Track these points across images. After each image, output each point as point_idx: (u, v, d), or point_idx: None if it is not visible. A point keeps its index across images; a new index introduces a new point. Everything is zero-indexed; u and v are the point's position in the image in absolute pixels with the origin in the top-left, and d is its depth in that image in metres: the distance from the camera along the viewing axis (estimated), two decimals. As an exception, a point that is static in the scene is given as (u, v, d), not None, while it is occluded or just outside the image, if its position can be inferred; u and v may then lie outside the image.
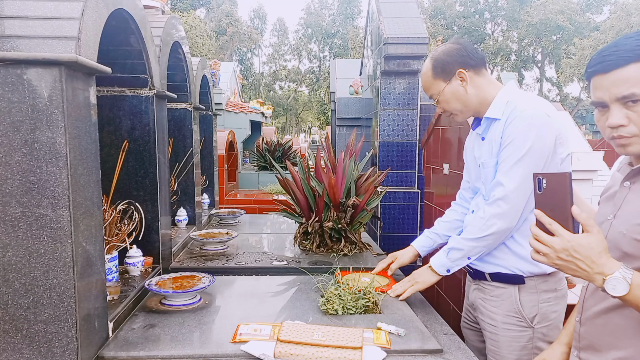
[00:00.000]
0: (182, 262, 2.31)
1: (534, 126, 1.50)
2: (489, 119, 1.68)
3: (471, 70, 1.67)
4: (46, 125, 1.16)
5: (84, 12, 1.26)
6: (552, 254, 1.01)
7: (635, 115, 0.99)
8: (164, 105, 2.16)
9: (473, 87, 1.68)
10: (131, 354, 1.36)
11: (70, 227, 1.20)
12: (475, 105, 1.70)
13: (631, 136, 1.02)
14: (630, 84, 0.97)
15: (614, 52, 0.99)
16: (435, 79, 1.71)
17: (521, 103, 1.56)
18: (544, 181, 1.04)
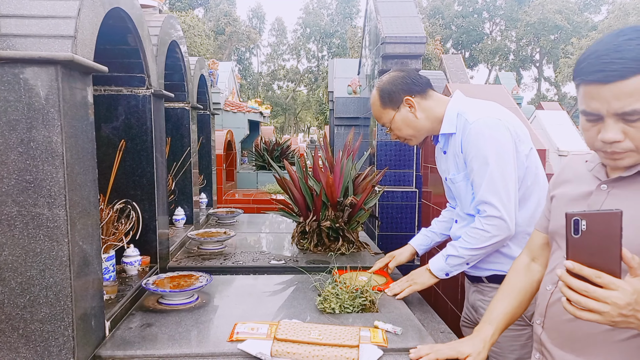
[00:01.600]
0: (179, 261, 2.30)
1: (488, 135, 1.54)
2: (445, 135, 1.71)
3: (417, 96, 1.72)
4: (42, 124, 1.15)
5: (81, 11, 1.26)
6: (613, 311, 0.83)
7: (634, 130, 0.91)
8: (162, 105, 2.16)
9: (422, 112, 1.72)
10: (128, 353, 1.36)
11: (66, 226, 1.20)
12: (428, 127, 1.75)
13: (625, 151, 0.94)
14: (634, 99, 0.87)
15: (617, 61, 0.87)
16: (384, 108, 1.75)
17: (470, 115, 1.60)
18: (583, 223, 0.86)
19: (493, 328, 1.29)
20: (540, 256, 1.32)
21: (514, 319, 1.32)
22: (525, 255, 1.36)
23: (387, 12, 3.73)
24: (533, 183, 1.62)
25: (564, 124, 4.82)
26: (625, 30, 0.91)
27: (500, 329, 1.30)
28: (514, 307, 1.31)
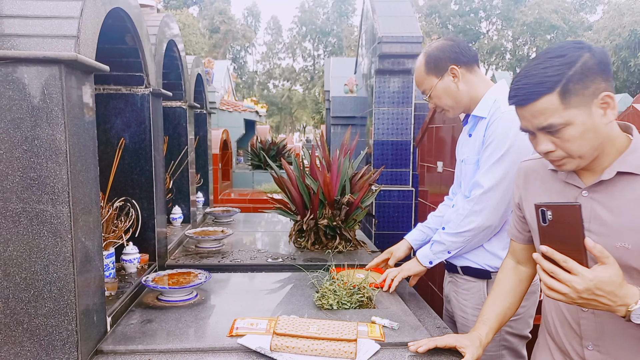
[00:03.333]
0: (177, 259, 2.33)
1: (513, 127, 1.54)
2: (475, 116, 1.72)
3: (463, 67, 1.70)
4: (46, 122, 1.18)
5: (83, 11, 1.28)
6: (572, 293, 0.93)
7: (559, 141, 1.01)
8: (160, 103, 2.17)
9: (465, 84, 1.71)
10: (129, 347, 1.38)
11: (69, 223, 1.22)
12: (466, 101, 1.73)
13: (561, 158, 1.04)
14: (547, 116, 0.98)
15: (524, 86, 0.99)
16: (428, 74, 1.73)
17: (504, 104, 1.60)
18: (548, 213, 0.95)
19: (487, 328, 1.33)
20: (523, 258, 1.37)
21: (507, 318, 1.37)
22: (510, 259, 1.42)
23: (384, 12, 3.76)
24: None
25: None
26: (539, 54, 1.03)
27: (493, 329, 1.34)
28: (505, 308, 1.36)
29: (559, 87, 0.96)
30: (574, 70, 0.95)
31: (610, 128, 1.00)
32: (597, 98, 0.96)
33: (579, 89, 0.95)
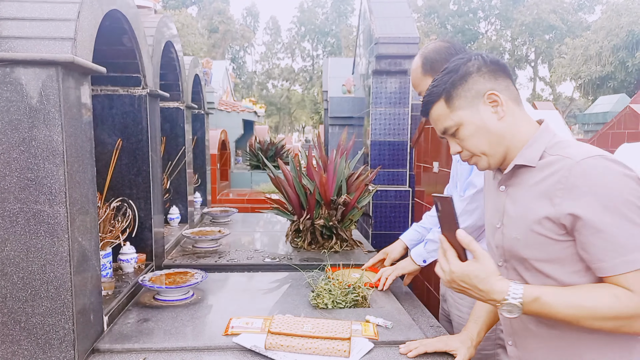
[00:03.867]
0: (174, 259, 2.34)
1: None
2: None
3: None
4: (43, 123, 1.19)
5: (80, 13, 1.29)
6: (444, 279, 1.07)
7: (459, 141, 1.12)
8: (157, 104, 2.19)
9: None
10: (126, 346, 1.40)
11: (66, 223, 1.23)
12: None
13: (470, 157, 1.13)
14: (441, 121, 1.12)
15: (425, 98, 1.15)
16: (424, 75, 1.76)
17: None
18: (438, 204, 1.06)
19: (478, 327, 1.35)
20: None
21: (498, 316, 1.38)
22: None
23: (381, 13, 3.78)
24: None
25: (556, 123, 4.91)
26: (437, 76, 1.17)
27: (484, 327, 1.36)
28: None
29: (444, 94, 1.10)
30: (454, 78, 1.09)
31: (509, 124, 1.08)
32: (482, 97, 1.07)
33: (460, 93, 1.08)
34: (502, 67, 1.09)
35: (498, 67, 1.09)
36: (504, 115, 1.06)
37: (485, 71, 1.08)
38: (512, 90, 1.09)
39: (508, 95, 1.07)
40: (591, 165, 0.93)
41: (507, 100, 1.07)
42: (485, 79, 1.07)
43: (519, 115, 1.08)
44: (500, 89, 1.07)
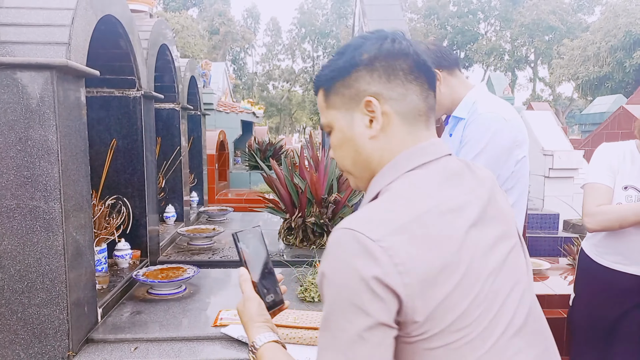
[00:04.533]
0: (169, 255, 2.41)
1: (489, 128, 1.61)
2: (455, 117, 1.79)
3: (445, 71, 1.78)
4: (39, 124, 1.26)
5: (74, 19, 1.36)
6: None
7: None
8: (152, 105, 2.26)
9: (446, 87, 1.78)
10: (119, 336, 1.46)
11: (61, 218, 1.30)
12: (447, 103, 1.81)
13: (342, 170, 0.83)
14: (321, 113, 0.82)
15: (315, 78, 0.83)
16: None
17: (482, 106, 1.67)
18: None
19: None
20: None
21: None
22: None
23: (374, 15, 3.85)
24: (513, 188, 1.71)
25: (549, 124, 4.96)
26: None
27: None
28: None
29: (325, 83, 0.78)
30: (339, 65, 0.76)
31: (382, 148, 0.74)
32: (361, 102, 0.73)
33: (339, 88, 0.75)
34: (412, 65, 0.73)
35: (404, 63, 0.72)
36: (377, 134, 0.73)
37: (379, 66, 0.72)
38: (413, 103, 0.73)
39: (398, 109, 0.72)
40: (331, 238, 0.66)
41: (393, 115, 0.72)
42: (373, 78, 0.72)
43: (400, 141, 0.73)
44: (388, 97, 0.72)
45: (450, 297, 0.61)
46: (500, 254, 0.69)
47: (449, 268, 0.61)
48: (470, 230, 0.66)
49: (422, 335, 0.61)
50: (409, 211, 0.63)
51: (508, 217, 0.76)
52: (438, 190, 0.68)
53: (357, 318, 0.59)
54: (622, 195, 1.71)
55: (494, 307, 0.65)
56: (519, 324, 0.68)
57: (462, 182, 0.72)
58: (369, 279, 0.58)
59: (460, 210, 0.67)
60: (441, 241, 0.62)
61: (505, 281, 0.68)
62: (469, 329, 0.62)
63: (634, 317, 1.70)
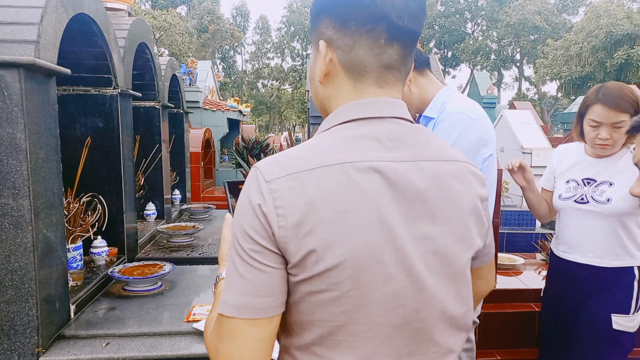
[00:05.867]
0: (148, 253, 2.42)
1: (456, 127, 1.66)
2: (426, 117, 1.83)
3: (415, 71, 1.82)
4: (6, 122, 1.27)
5: (43, 17, 1.37)
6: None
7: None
8: (129, 104, 2.26)
9: (416, 87, 1.82)
10: (90, 332, 1.48)
11: (30, 215, 1.31)
12: (418, 103, 1.85)
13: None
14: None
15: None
16: None
17: (450, 105, 1.72)
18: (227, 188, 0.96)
19: None
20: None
21: None
22: None
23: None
24: None
25: (528, 123, 5.05)
26: None
27: None
28: None
29: (310, 18, 0.79)
30: (315, 5, 0.75)
31: (329, 95, 0.75)
32: (317, 45, 0.73)
33: (311, 25, 0.76)
34: (367, 17, 0.67)
35: (359, 14, 0.67)
36: (325, 82, 0.73)
37: (336, 13, 0.69)
38: (358, 57, 0.69)
39: (342, 60, 0.70)
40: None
41: (338, 65, 0.70)
42: (330, 22, 0.70)
43: (346, 94, 0.71)
44: (337, 46, 0.70)
45: (320, 251, 0.61)
46: (408, 235, 0.65)
47: (326, 223, 0.61)
48: (378, 197, 0.63)
49: (296, 277, 0.64)
50: (312, 161, 0.64)
51: (451, 212, 0.69)
52: (358, 149, 0.65)
53: (247, 242, 0.63)
54: (564, 188, 1.84)
55: (370, 275, 0.63)
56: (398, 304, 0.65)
57: (398, 148, 0.68)
58: (257, 210, 0.62)
59: (375, 173, 0.64)
60: (330, 196, 0.62)
61: (400, 264, 0.65)
62: (337, 285, 0.63)
63: (591, 310, 1.76)
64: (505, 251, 3.69)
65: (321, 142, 0.67)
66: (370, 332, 0.65)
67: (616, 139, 1.68)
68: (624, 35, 19.00)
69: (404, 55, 0.71)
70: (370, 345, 0.65)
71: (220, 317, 0.65)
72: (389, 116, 0.69)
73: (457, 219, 0.69)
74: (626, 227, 1.70)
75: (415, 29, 0.69)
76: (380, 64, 0.70)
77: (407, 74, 0.74)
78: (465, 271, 0.72)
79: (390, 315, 0.65)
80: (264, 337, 0.64)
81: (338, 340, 0.65)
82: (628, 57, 18.93)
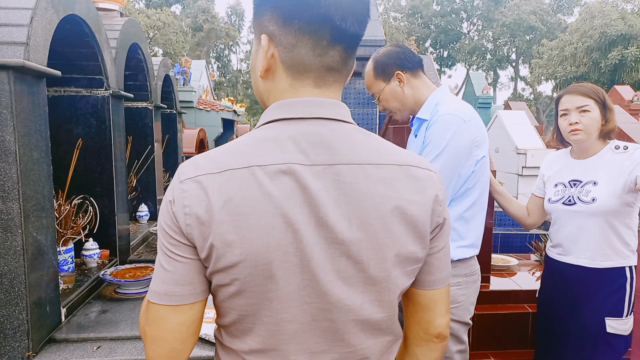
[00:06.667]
0: (140, 255, 2.40)
1: (449, 129, 1.66)
2: (419, 119, 1.83)
3: (408, 72, 1.82)
4: (-5, 124, 1.25)
5: (33, 19, 1.36)
6: None
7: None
8: (121, 105, 2.25)
9: (410, 88, 1.82)
10: (82, 335, 1.47)
11: (20, 219, 1.30)
12: (411, 104, 1.85)
13: None
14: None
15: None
16: (376, 79, 1.85)
17: (443, 107, 1.72)
18: None
19: None
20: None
21: None
22: None
23: (350, 15, 3.87)
24: (473, 187, 1.76)
25: (522, 123, 5.07)
26: None
27: None
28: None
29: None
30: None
31: (268, 89, 0.74)
32: (259, 37, 0.73)
33: (253, 15, 0.75)
34: (312, 17, 0.66)
35: (305, 14, 0.67)
36: (265, 75, 0.72)
37: (281, 11, 0.68)
38: (300, 56, 0.69)
39: (284, 57, 0.70)
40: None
41: (279, 62, 0.70)
42: (273, 17, 0.69)
43: (282, 91, 0.71)
44: (279, 42, 0.69)
45: (220, 249, 0.64)
46: (318, 238, 0.65)
47: (226, 225, 0.63)
48: (285, 200, 0.64)
49: (207, 270, 0.68)
50: (223, 164, 0.65)
51: (368, 217, 0.67)
52: (271, 151, 0.66)
53: (164, 236, 0.68)
54: (553, 191, 1.87)
55: (270, 274, 0.65)
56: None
57: (315, 150, 0.66)
58: (169, 207, 0.66)
59: (286, 176, 0.64)
60: (231, 199, 0.63)
61: (304, 266, 0.65)
62: (239, 281, 0.66)
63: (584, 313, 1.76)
64: (500, 252, 3.70)
65: (241, 142, 0.69)
66: (276, 326, 0.68)
67: (586, 123, 1.74)
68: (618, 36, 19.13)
69: (345, 57, 0.71)
70: (277, 338, 0.69)
71: (148, 303, 0.71)
72: (312, 117, 0.69)
73: (376, 225, 0.67)
74: (613, 227, 1.72)
75: (358, 32, 0.69)
76: (321, 65, 0.70)
77: (347, 75, 0.74)
78: (390, 277, 0.70)
79: (296, 312, 0.67)
80: (185, 322, 0.70)
81: (248, 327, 0.69)
82: (622, 57, 19.05)
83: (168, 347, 0.70)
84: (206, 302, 0.72)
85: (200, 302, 0.70)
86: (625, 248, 1.72)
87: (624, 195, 1.68)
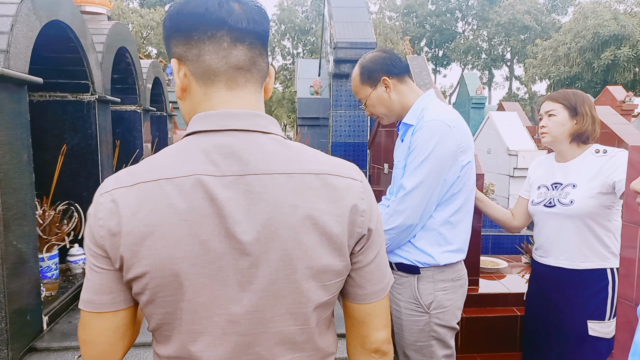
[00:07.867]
0: (128, 259, 2.39)
1: (434, 135, 1.66)
2: (405, 124, 1.84)
3: (395, 78, 1.82)
4: (-26, 133, 1.24)
5: (14, 26, 1.35)
6: None
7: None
8: (107, 109, 2.24)
9: (395, 93, 1.83)
10: (63, 344, 1.46)
11: (0, 228, 1.29)
12: (398, 110, 1.85)
13: None
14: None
15: None
16: (362, 84, 1.85)
17: (429, 113, 1.72)
18: None
19: None
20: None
21: None
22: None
23: (341, 18, 3.88)
24: (459, 192, 1.77)
25: (514, 125, 5.09)
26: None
27: None
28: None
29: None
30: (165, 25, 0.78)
31: (188, 108, 0.76)
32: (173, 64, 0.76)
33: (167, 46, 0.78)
34: (206, 24, 0.70)
35: (200, 25, 0.70)
36: (182, 96, 0.74)
37: (181, 31, 0.72)
38: (205, 63, 0.71)
39: (193, 70, 0.71)
40: None
41: (191, 76, 0.72)
42: (177, 40, 0.72)
43: (198, 103, 0.73)
44: (186, 59, 0.72)
45: (128, 260, 0.66)
46: (227, 249, 0.66)
47: (133, 237, 0.65)
48: (193, 212, 0.65)
49: (124, 279, 0.69)
50: (137, 176, 0.67)
51: (277, 227, 0.67)
52: (181, 164, 0.67)
53: (87, 247, 0.70)
54: (536, 194, 1.91)
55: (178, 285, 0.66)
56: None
57: (226, 162, 0.67)
58: (90, 219, 0.68)
59: (194, 188, 0.65)
60: (138, 212, 0.65)
61: (213, 277, 0.66)
62: (148, 291, 0.67)
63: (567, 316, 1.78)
64: (491, 253, 3.70)
65: (161, 155, 0.70)
66: (189, 337, 0.69)
67: (550, 126, 1.81)
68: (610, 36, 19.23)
69: (252, 55, 0.72)
70: (190, 348, 0.69)
71: (80, 309, 0.74)
72: (225, 129, 0.69)
73: (285, 235, 0.67)
74: (591, 228, 1.74)
75: (257, 30, 0.72)
76: (228, 66, 0.71)
77: (260, 74, 0.75)
78: (301, 290, 0.69)
79: (207, 324, 0.68)
80: (110, 327, 0.72)
81: (167, 334, 0.71)
82: (615, 57, 19.15)
83: (99, 350, 0.74)
84: (134, 310, 0.73)
85: (124, 310, 0.71)
86: (604, 250, 1.74)
87: (601, 197, 1.70)
